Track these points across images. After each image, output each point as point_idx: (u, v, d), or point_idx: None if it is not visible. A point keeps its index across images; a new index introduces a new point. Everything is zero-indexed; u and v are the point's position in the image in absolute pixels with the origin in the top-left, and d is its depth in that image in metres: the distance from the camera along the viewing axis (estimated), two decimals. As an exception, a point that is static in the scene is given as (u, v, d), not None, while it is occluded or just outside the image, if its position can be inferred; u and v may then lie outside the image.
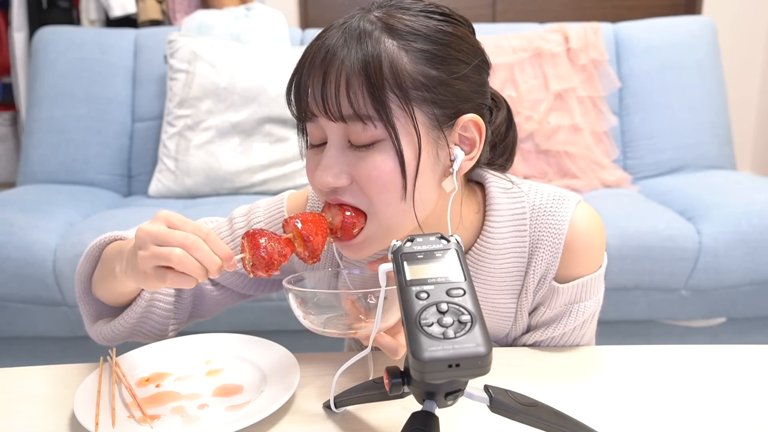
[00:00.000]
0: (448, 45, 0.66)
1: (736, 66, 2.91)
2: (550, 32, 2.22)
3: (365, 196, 0.67)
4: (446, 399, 0.51)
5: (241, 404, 0.67)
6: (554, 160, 2.13)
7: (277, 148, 2.03)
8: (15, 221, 1.68)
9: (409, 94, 0.63)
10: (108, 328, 0.82)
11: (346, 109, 0.63)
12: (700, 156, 2.16)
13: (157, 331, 0.84)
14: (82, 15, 2.67)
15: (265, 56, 2.07)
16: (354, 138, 0.65)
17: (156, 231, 0.61)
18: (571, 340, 0.82)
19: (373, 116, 0.63)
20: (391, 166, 0.65)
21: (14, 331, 1.71)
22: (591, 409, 0.66)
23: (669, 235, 1.63)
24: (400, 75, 0.63)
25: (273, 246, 0.65)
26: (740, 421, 0.64)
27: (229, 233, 0.86)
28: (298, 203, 0.86)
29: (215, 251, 0.62)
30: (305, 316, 0.68)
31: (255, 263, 0.64)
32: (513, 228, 0.77)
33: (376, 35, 0.63)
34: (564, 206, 0.78)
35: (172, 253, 0.60)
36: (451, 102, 0.66)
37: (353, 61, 0.62)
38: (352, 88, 0.62)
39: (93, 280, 0.82)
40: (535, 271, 0.78)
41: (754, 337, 1.77)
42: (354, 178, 0.67)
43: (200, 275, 0.62)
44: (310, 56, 0.66)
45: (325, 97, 0.64)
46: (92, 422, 0.62)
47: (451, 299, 0.48)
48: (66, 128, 2.12)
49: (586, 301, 0.80)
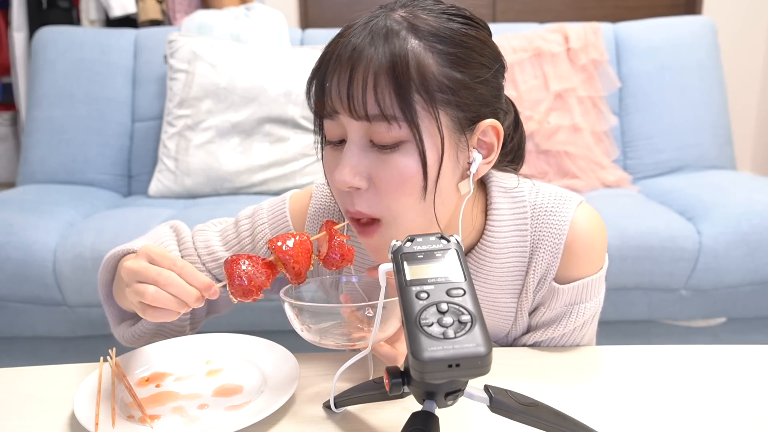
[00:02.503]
0: (471, 49, 0.66)
1: (736, 66, 2.91)
2: (550, 32, 2.22)
3: (382, 201, 0.66)
4: (446, 399, 0.51)
5: (241, 404, 0.67)
6: (554, 160, 2.13)
7: (277, 148, 2.03)
8: (15, 221, 1.68)
9: (435, 96, 0.63)
10: (130, 332, 0.84)
11: (373, 108, 0.62)
12: (700, 156, 2.16)
13: (177, 331, 0.86)
14: (82, 15, 2.67)
15: (265, 56, 2.07)
16: (377, 138, 0.64)
17: (136, 268, 0.64)
18: (571, 340, 0.82)
19: (398, 117, 0.62)
20: (414, 169, 0.64)
21: (14, 331, 1.71)
22: (591, 409, 0.66)
23: (669, 235, 1.63)
24: (426, 76, 0.62)
25: (252, 272, 0.65)
26: (740, 421, 0.64)
27: (235, 236, 0.86)
28: (301, 203, 0.86)
29: (192, 283, 0.63)
30: (303, 327, 0.67)
31: (232, 291, 0.65)
32: (514, 227, 0.77)
33: (402, 35, 0.63)
34: (565, 207, 0.77)
35: (146, 290, 0.62)
36: (473, 106, 0.66)
37: (381, 59, 0.62)
38: (380, 86, 0.62)
39: (113, 288, 0.84)
40: (536, 271, 0.78)
41: (754, 337, 1.77)
42: (373, 181, 0.66)
43: (178, 308, 0.63)
44: (335, 53, 0.65)
45: (350, 96, 0.63)
46: (92, 422, 0.62)
47: (451, 299, 0.48)
48: (66, 128, 2.12)
49: (587, 303, 0.79)
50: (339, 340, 0.67)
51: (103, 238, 1.62)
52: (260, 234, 0.85)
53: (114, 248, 0.84)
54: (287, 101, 2.03)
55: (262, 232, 0.85)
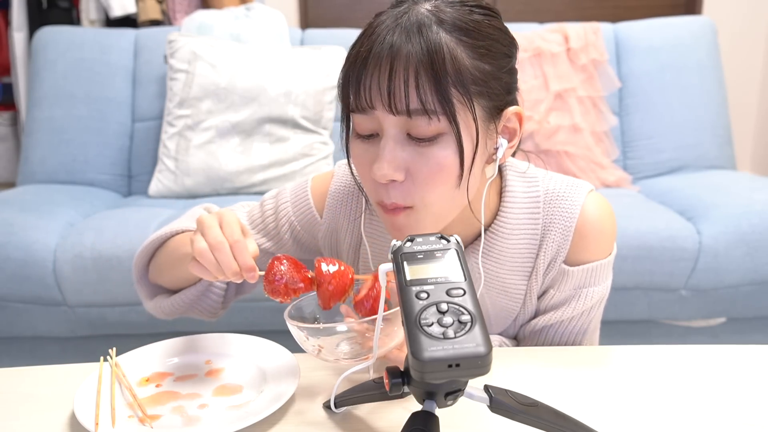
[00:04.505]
0: (496, 40, 0.68)
1: (736, 66, 2.91)
2: (550, 32, 2.22)
3: (417, 191, 0.68)
4: (446, 399, 0.51)
5: (241, 404, 0.67)
6: (554, 160, 2.13)
7: (277, 148, 2.03)
8: (15, 221, 1.68)
9: (469, 89, 0.65)
10: (169, 301, 0.88)
11: (415, 103, 0.64)
12: (700, 156, 2.16)
13: (212, 307, 0.90)
14: (82, 15, 2.67)
15: (265, 56, 2.07)
16: (415, 131, 0.66)
17: (204, 223, 0.68)
18: (578, 326, 0.83)
19: (438, 111, 0.64)
20: (452, 160, 0.66)
21: (14, 331, 1.71)
22: (591, 409, 0.66)
23: (669, 235, 1.63)
24: (461, 70, 0.65)
25: (289, 277, 0.66)
26: (740, 421, 0.64)
27: (260, 215, 0.91)
28: (323, 185, 0.89)
29: (237, 259, 0.65)
30: (315, 350, 0.66)
31: (266, 284, 0.66)
32: (527, 210, 0.80)
33: (434, 29, 0.64)
34: (577, 192, 0.81)
35: (199, 244, 0.66)
36: (500, 95, 0.69)
37: (419, 55, 0.63)
38: (421, 82, 0.63)
39: (158, 266, 0.88)
40: (546, 254, 0.81)
41: (754, 337, 1.77)
42: (410, 173, 0.67)
43: (216, 273, 0.66)
44: (372, 51, 0.65)
45: (391, 92, 0.64)
46: (92, 422, 0.62)
47: (451, 299, 0.48)
48: (66, 128, 2.12)
49: (595, 287, 0.81)
50: (351, 352, 0.67)
51: (103, 238, 1.62)
52: (283, 212, 0.89)
53: (162, 229, 0.88)
54: (287, 101, 2.03)
55: (284, 211, 0.89)
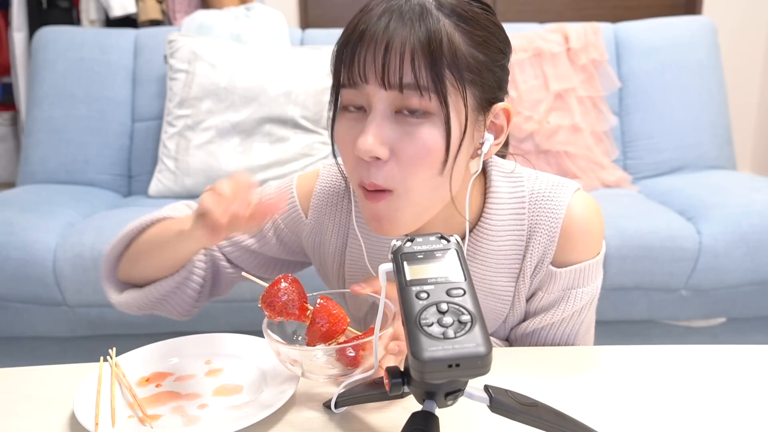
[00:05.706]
0: (493, 33, 0.69)
1: (736, 66, 2.91)
2: (550, 32, 2.22)
3: (399, 173, 0.67)
4: (446, 399, 0.51)
5: (241, 404, 0.67)
6: (554, 160, 2.13)
7: (277, 148, 2.03)
8: (15, 221, 1.68)
9: (463, 75, 0.66)
10: (142, 292, 0.85)
11: (408, 77, 0.64)
12: (700, 156, 2.16)
13: (185, 303, 0.88)
14: (82, 15, 2.67)
15: (265, 56, 2.07)
16: (405, 105, 0.66)
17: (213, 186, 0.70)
18: (570, 328, 0.82)
19: (430, 88, 0.64)
20: (438, 142, 0.66)
21: (14, 331, 1.71)
22: (591, 409, 0.66)
23: (669, 235, 1.63)
24: (457, 54, 0.65)
25: (290, 299, 0.66)
26: (740, 421, 0.64)
27: None
28: (309, 184, 0.88)
29: None
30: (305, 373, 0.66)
31: (265, 297, 0.67)
32: (512, 211, 0.79)
33: (434, 12, 0.65)
34: (562, 192, 0.79)
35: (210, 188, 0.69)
36: (492, 88, 0.70)
37: (418, 35, 0.64)
38: (416, 58, 0.64)
39: (135, 254, 0.86)
40: (533, 256, 0.80)
41: (754, 337, 1.77)
42: (395, 153, 0.67)
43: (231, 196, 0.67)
44: (368, 28, 0.65)
45: (386, 65, 0.64)
46: (92, 422, 0.62)
47: (451, 299, 0.48)
48: (66, 128, 2.12)
49: (584, 288, 0.80)
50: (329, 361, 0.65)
51: (103, 238, 1.62)
52: None
53: (139, 219, 0.87)
54: (287, 101, 2.03)
55: None
